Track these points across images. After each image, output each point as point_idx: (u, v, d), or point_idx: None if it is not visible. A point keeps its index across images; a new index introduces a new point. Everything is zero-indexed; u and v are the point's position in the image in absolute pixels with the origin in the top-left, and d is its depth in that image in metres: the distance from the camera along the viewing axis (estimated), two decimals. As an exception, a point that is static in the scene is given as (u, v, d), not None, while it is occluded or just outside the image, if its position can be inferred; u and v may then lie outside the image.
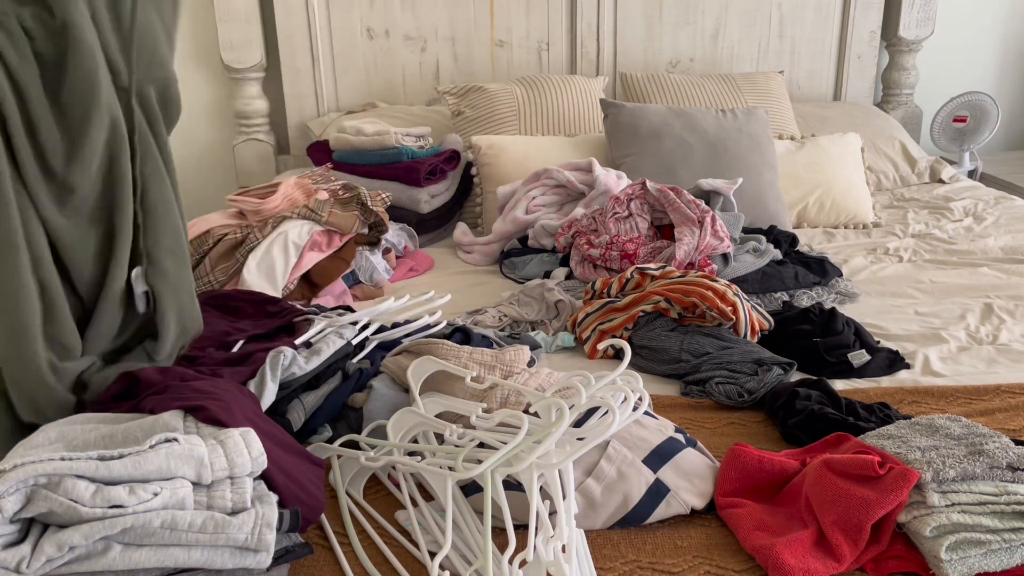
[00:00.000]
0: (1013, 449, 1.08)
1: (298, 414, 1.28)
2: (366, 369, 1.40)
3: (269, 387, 1.21)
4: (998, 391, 1.50)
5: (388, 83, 2.98)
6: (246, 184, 2.88)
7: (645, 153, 2.45)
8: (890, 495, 1.04)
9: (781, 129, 2.80)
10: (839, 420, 1.32)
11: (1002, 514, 1.02)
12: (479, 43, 2.98)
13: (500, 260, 2.25)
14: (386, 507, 1.19)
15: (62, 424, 1.01)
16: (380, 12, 2.90)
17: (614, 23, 3.02)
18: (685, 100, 2.82)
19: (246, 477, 0.96)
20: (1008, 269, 2.12)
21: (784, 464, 1.19)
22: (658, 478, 1.15)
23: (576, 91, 2.78)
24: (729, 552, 1.09)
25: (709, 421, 1.43)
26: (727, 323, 1.64)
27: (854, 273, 2.14)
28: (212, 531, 0.89)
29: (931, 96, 3.32)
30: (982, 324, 1.81)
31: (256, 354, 1.25)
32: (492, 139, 2.56)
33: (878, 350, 1.64)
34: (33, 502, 0.85)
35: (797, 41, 3.15)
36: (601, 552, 1.08)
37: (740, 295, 1.67)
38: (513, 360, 1.37)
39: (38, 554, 0.84)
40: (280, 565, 0.97)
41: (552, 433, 1.11)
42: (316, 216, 1.98)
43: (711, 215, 1.94)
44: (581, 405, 1.17)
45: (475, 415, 1.21)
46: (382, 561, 1.08)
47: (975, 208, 2.60)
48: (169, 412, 1.02)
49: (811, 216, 2.55)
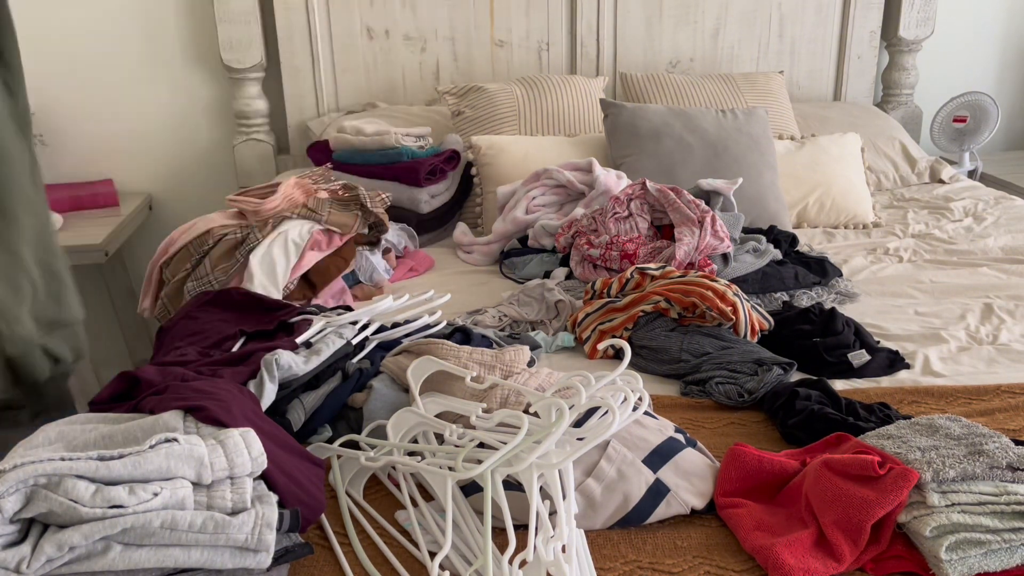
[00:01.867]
0: (1013, 449, 1.08)
1: (298, 414, 1.28)
2: (366, 369, 1.40)
3: (268, 388, 1.21)
4: (998, 391, 1.50)
5: (388, 83, 2.98)
6: (246, 184, 2.88)
7: (645, 153, 2.45)
8: (890, 495, 1.04)
9: (781, 129, 2.80)
10: (839, 420, 1.31)
11: (1002, 514, 1.02)
12: (479, 43, 2.98)
13: (500, 260, 2.25)
14: (386, 507, 1.19)
15: (62, 424, 1.01)
16: (380, 12, 2.90)
17: (614, 23, 3.02)
18: (685, 100, 2.82)
19: (246, 477, 0.96)
20: (1008, 269, 2.12)
21: (784, 464, 1.19)
22: (658, 478, 1.15)
23: (576, 91, 2.78)
24: (729, 552, 1.09)
25: (709, 421, 1.43)
26: (727, 323, 1.64)
27: (854, 273, 2.14)
28: (212, 531, 0.89)
29: (931, 96, 3.32)
30: (982, 324, 1.81)
31: (256, 354, 1.25)
32: (492, 139, 2.56)
33: (878, 350, 1.64)
34: (33, 502, 0.85)
35: (797, 41, 3.15)
36: (601, 552, 1.08)
37: (740, 295, 1.67)
38: (513, 360, 1.37)
39: (38, 554, 0.84)
40: (280, 565, 0.97)
41: (552, 433, 1.11)
42: (316, 216, 1.98)
43: (711, 215, 1.94)
44: (581, 405, 1.17)
45: (475, 415, 1.21)
46: (382, 561, 1.08)
47: (975, 208, 2.60)
48: (169, 412, 1.02)
49: (811, 216, 2.55)
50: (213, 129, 3.02)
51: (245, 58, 2.79)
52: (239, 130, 2.92)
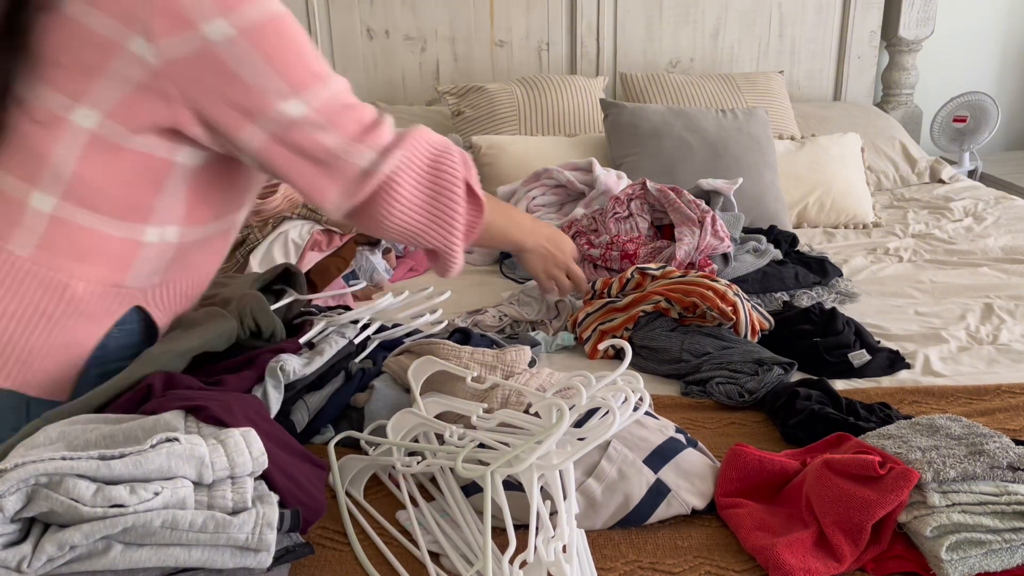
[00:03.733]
0: (1013, 449, 1.08)
1: (302, 415, 1.28)
2: (368, 369, 1.40)
3: (273, 396, 1.21)
4: (998, 391, 1.50)
5: (388, 83, 2.98)
6: (246, 184, 2.88)
7: (645, 153, 2.45)
8: (890, 495, 1.04)
9: (781, 129, 2.80)
10: (839, 420, 1.31)
11: (1003, 514, 1.02)
12: (479, 43, 2.98)
13: (500, 260, 2.25)
14: (386, 507, 1.19)
15: (63, 424, 1.01)
16: (380, 12, 2.90)
17: (614, 23, 3.03)
18: (685, 100, 2.82)
19: (247, 477, 0.96)
20: (1008, 269, 2.12)
21: (784, 464, 1.19)
22: (659, 478, 1.15)
23: (576, 91, 2.78)
24: (730, 552, 1.09)
25: (709, 421, 1.43)
26: (727, 323, 1.64)
27: (854, 273, 2.14)
28: (213, 531, 0.89)
29: (931, 96, 3.33)
30: (982, 324, 1.81)
31: (262, 356, 1.24)
32: (492, 139, 2.56)
33: (878, 350, 1.64)
34: (34, 501, 0.85)
35: (797, 41, 3.15)
36: (601, 552, 1.08)
37: (740, 295, 1.67)
38: (514, 360, 1.37)
39: (39, 553, 0.84)
40: (280, 565, 0.97)
41: (552, 434, 1.11)
42: (316, 216, 1.98)
43: (711, 215, 1.94)
44: (582, 406, 1.17)
45: (476, 415, 1.21)
46: (382, 561, 1.08)
47: (975, 208, 2.60)
48: (170, 412, 1.02)
49: (811, 216, 2.55)
50: (213, 129, 3.01)
51: (245, 58, 2.79)
52: (239, 130, 2.92)
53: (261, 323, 1.30)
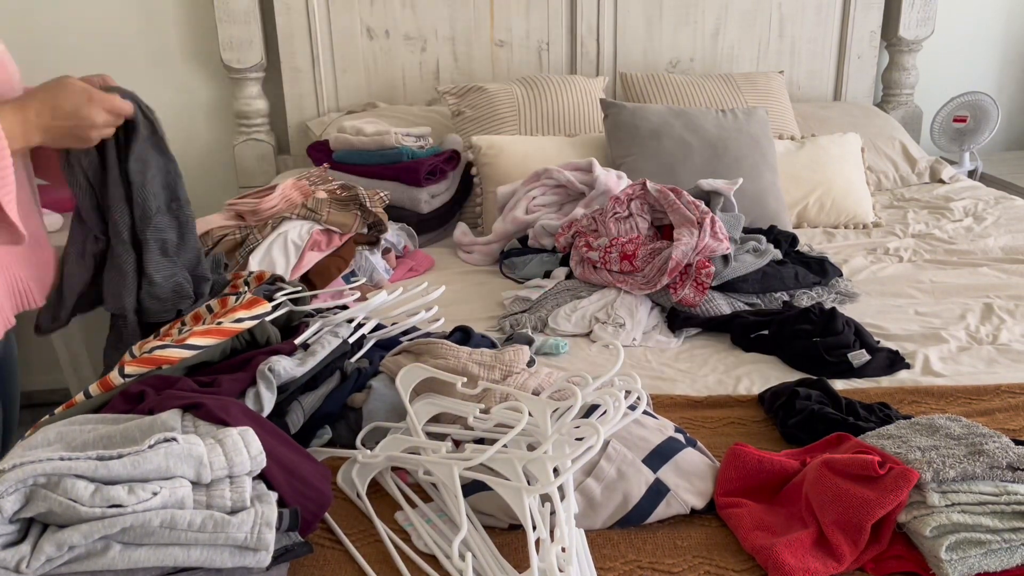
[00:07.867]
0: (1013, 449, 1.08)
1: (297, 416, 1.27)
2: (365, 369, 1.39)
3: (266, 397, 1.20)
4: (998, 391, 1.50)
5: (388, 83, 2.98)
6: (246, 184, 2.89)
7: (645, 153, 2.45)
8: (890, 495, 1.03)
9: (781, 129, 2.80)
10: (839, 420, 1.31)
11: (1002, 514, 1.02)
12: (479, 43, 2.98)
13: (500, 260, 2.25)
14: (386, 507, 1.19)
15: (61, 425, 1.01)
16: (380, 12, 2.90)
17: (614, 23, 3.02)
18: (685, 100, 2.82)
19: (245, 476, 0.96)
20: (1008, 269, 2.12)
21: (784, 464, 1.19)
22: (658, 478, 1.15)
23: (576, 91, 2.78)
24: (729, 552, 1.09)
25: (709, 421, 1.43)
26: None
27: (854, 273, 2.14)
28: (211, 530, 0.89)
29: (931, 96, 3.32)
30: (982, 324, 1.81)
31: (256, 358, 1.24)
32: (492, 139, 2.56)
33: (878, 350, 1.64)
34: (32, 502, 0.85)
35: (797, 41, 3.15)
36: (601, 552, 1.08)
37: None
38: (512, 360, 1.37)
39: (38, 553, 0.84)
40: (279, 564, 0.97)
41: (507, 436, 1.10)
42: (315, 216, 1.98)
43: (710, 216, 1.93)
44: (580, 406, 1.16)
45: (472, 416, 1.21)
46: (382, 561, 1.08)
47: (975, 208, 2.60)
48: (167, 411, 1.02)
49: (811, 216, 2.55)
50: (213, 129, 3.02)
51: (245, 58, 2.79)
52: (239, 130, 2.92)
53: (255, 332, 1.31)
